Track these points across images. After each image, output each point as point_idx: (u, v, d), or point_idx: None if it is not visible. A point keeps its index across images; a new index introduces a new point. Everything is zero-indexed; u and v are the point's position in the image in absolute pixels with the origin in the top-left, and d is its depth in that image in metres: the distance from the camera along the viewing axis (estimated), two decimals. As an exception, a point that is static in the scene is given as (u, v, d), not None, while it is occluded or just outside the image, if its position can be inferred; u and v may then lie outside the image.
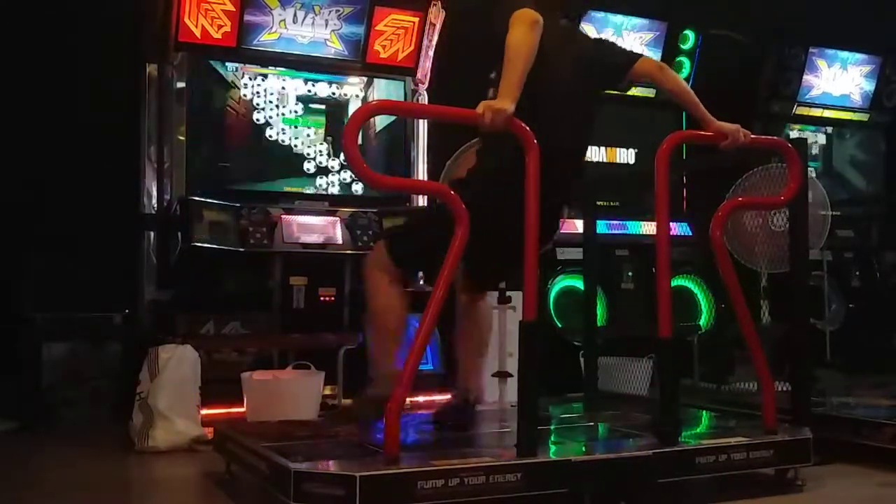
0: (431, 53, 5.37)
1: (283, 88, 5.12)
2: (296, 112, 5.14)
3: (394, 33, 5.29)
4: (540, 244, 2.78)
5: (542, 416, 3.21)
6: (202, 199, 4.67)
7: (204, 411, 4.03)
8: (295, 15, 5.06)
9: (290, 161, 5.11)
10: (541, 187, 2.74)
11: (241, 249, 4.64)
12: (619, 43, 6.05)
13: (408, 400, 3.23)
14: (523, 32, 2.83)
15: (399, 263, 3.22)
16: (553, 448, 2.95)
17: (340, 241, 4.85)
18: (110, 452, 3.88)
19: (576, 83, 3.17)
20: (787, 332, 3.52)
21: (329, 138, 5.18)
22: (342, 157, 5.05)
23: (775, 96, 6.64)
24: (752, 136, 3.24)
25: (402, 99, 5.29)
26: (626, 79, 3.26)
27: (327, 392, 4.38)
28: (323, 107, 5.21)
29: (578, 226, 4.88)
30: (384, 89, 5.33)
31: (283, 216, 4.80)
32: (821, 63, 6.76)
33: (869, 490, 3.21)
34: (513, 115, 2.74)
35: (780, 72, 6.61)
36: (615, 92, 3.40)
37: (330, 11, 5.14)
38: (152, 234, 4.85)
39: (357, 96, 5.27)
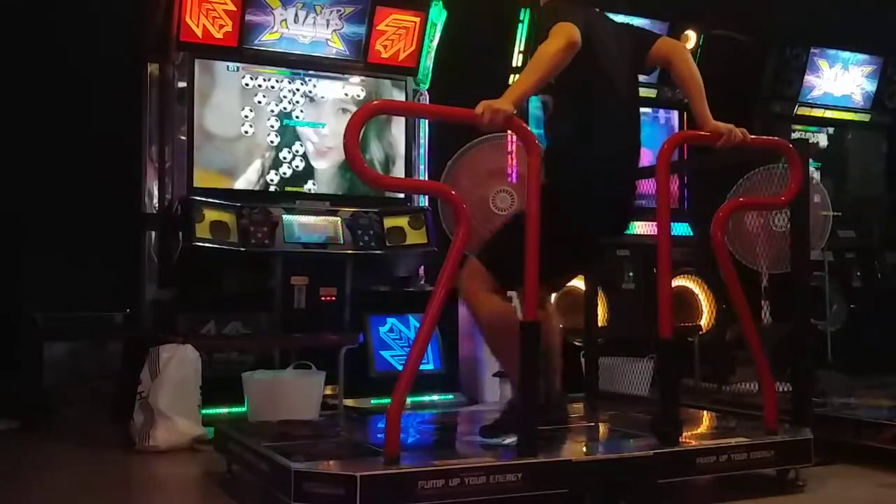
0: (433, 53, 5.38)
1: (285, 88, 5.12)
2: (297, 112, 5.15)
3: (395, 33, 5.29)
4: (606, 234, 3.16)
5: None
6: (203, 199, 4.68)
7: (205, 411, 4.03)
8: (296, 15, 5.06)
9: (291, 160, 5.11)
10: (603, 177, 2.99)
11: (242, 249, 4.64)
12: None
13: (408, 400, 3.23)
14: (556, 47, 2.82)
15: (496, 275, 3.01)
16: (553, 448, 2.94)
17: (341, 241, 4.85)
18: (111, 452, 3.87)
19: (621, 64, 3.15)
20: (788, 333, 3.51)
21: (331, 138, 5.18)
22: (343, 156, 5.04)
23: (777, 97, 6.63)
24: (753, 136, 3.23)
25: (403, 99, 5.30)
26: (647, 60, 3.21)
27: (328, 392, 4.39)
28: (324, 107, 5.22)
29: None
30: (385, 89, 5.34)
31: (283, 216, 4.80)
32: (822, 63, 6.75)
33: (869, 491, 3.20)
34: (512, 115, 2.72)
35: (782, 72, 6.60)
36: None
37: (331, 11, 5.13)
38: (153, 233, 4.85)
39: (358, 96, 5.28)
